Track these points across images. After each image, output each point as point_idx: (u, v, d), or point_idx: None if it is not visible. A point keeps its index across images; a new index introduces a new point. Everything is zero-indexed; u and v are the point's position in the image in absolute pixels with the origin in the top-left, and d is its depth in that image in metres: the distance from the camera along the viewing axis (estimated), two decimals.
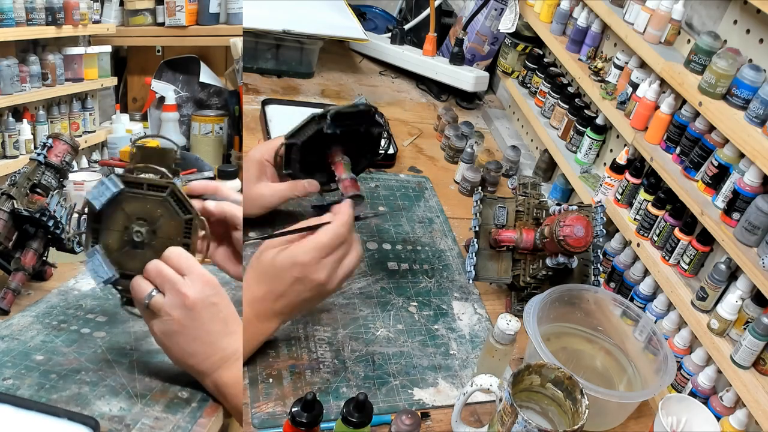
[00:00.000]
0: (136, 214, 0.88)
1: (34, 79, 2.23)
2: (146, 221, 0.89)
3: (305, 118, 1.05)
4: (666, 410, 0.94)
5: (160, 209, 0.89)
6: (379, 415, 0.92)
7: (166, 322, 0.84)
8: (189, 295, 0.83)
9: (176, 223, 0.89)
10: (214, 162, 2.06)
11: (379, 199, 1.38)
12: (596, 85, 1.37)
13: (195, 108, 2.35)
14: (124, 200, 0.88)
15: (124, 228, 0.89)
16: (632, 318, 1.10)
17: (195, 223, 0.89)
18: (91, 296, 1.10)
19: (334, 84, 1.82)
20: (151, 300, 0.84)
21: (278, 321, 0.95)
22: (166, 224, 0.89)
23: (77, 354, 0.94)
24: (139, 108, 2.54)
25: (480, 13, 1.81)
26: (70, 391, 0.86)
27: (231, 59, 2.08)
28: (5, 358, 0.91)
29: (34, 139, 2.26)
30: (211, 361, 0.85)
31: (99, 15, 2.45)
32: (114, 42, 2.51)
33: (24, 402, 0.80)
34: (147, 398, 0.87)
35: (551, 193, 1.52)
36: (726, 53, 1.02)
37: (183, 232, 0.89)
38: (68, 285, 1.13)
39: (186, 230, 0.89)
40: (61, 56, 2.33)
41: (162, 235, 0.89)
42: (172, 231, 0.89)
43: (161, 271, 0.85)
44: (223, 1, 2.30)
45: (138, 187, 0.89)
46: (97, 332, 1.00)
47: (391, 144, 1.19)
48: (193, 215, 0.89)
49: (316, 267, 0.90)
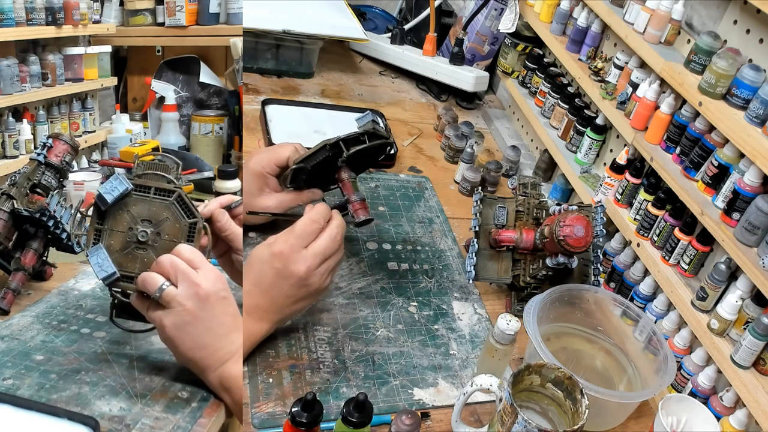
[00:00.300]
0: (142, 216, 0.90)
1: (34, 79, 2.23)
2: (151, 223, 0.90)
3: (317, 145, 1.04)
4: (666, 410, 0.94)
5: (165, 212, 0.91)
6: (379, 415, 0.92)
7: (179, 312, 0.85)
8: (203, 285, 0.85)
9: (181, 226, 0.91)
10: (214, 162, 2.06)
11: (379, 199, 1.38)
12: (596, 85, 1.37)
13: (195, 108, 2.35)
14: (130, 201, 0.90)
15: (128, 229, 0.90)
16: (632, 318, 1.10)
17: (199, 227, 0.92)
18: (91, 296, 1.10)
19: (334, 84, 1.82)
20: (163, 292, 0.85)
21: (268, 323, 0.95)
22: (171, 227, 0.91)
23: (77, 354, 0.94)
24: (139, 108, 2.54)
25: (480, 13, 1.81)
26: (70, 391, 0.86)
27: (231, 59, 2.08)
28: (5, 358, 0.91)
29: (34, 139, 2.26)
30: (219, 355, 0.86)
31: (99, 15, 2.45)
32: (114, 42, 2.51)
33: (24, 402, 0.80)
34: (147, 398, 0.87)
35: (551, 193, 1.52)
36: (726, 53, 1.02)
37: (187, 236, 0.92)
38: (68, 285, 1.13)
39: (190, 234, 0.92)
40: (61, 56, 2.33)
41: (166, 237, 0.91)
42: (176, 234, 0.91)
43: (175, 263, 0.86)
44: (223, 1, 2.30)
45: (146, 190, 0.91)
46: (97, 332, 1.00)
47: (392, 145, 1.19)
48: (198, 219, 0.92)
49: (296, 257, 0.91)
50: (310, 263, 0.92)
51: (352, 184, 1.06)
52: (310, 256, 0.92)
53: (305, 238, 0.92)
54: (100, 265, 0.88)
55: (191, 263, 0.87)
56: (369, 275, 1.18)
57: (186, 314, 0.85)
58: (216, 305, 0.86)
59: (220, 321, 0.86)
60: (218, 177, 1.55)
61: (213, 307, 0.86)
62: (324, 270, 0.94)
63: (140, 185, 0.91)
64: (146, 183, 0.91)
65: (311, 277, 0.92)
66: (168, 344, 0.88)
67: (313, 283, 0.93)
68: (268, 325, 0.95)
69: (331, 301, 1.10)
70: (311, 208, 0.96)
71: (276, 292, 0.93)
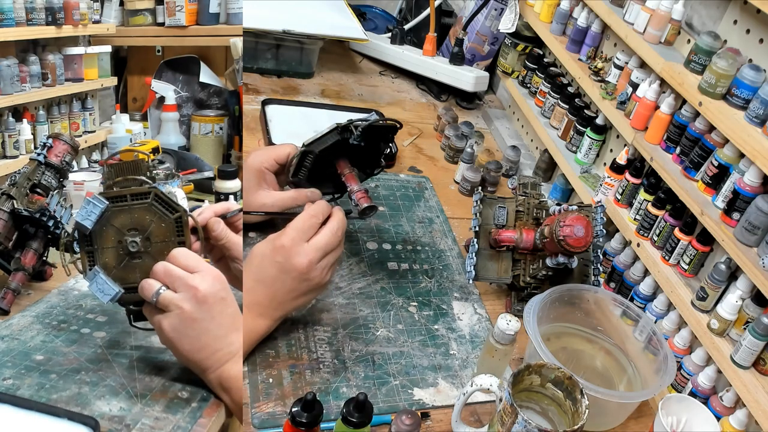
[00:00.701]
0: (127, 226, 0.89)
1: (34, 79, 2.23)
2: (138, 230, 0.89)
3: (328, 127, 1.05)
4: (666, 410, 0.94)
5: (148, 215, 0.90)
6: (379, 415, 0.92)
7: (177, 315, 0.84)
8: (200, 288, 0.85)
9: (167, 224, 0.90)
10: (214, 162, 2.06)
11: (379, 199, 1.38)
12: (596, 85, 1.37)
13: (195, 108, 2.36)
14: (111, 216, 0.89)
15: (117, 242, 0.89)
16: (632, 318, 1.10)
17: (184, 219, 0.90)
18: (91, 296, 1.10)
19: (334, 84, 1.82)
20: (159, 296, 0.85)
21: (270, 319, 0.95)
22: (157, 228, 0.90)
23: (77, 354, 0.94)
24: (139, 108, 2.54)
25: (480, 13, 1.81)
26: (70, 391, 0.86)
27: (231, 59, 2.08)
28: (5, 358, 0.91)
29: (34, 139, 2.25)
30: (218, 356, 0.86)
31: (99, 15, 2.45)
32: (114, 42, 2.51)
33: (24, 402, 0.80)
34: (147, 398, 0.87)
35: (551, 193, 1.52)
36: (726, 53, 1.02)
37: (176, 232, 0.90)
38: (68, 285, 1.13)
39: (178, 229, 0.91)
40: (61, 56, 2.33)
41: (156, 240, 0.90)
42: (164, 233, 0.90)
43: (169, 270, 0.86)
44: (223, 1, 2.30)
45: (122, 199, 0.89)
46: (97, 332, 1.00)
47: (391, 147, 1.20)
48: (181, 212, 0.90)
49: (297, 251, 0.91)
50: (312, 257, 0.92)
51: (355, 176, 1.07)
52: (312, 250, 0.92)
53: (306, 232, 0.93)
54: (102, 291, 0.87)
55: (187, 267, 0.86)
56: (369, 275, 1.18)
57: (183, 316, 0.84)
58: (214, 306, 0.86)
59: (218, 322, 0.86)
60: (218, 177, 1.55)
61: (211, 309, 0.85)
62: (325, 264, 0.94)
63: (115, 197, 0.89)
64: (120, 192, 0.89)
65: (312, 271, 0.92)
66: (168, 346, 0.88)
67: (314, 277, 0.93)
68: (269, 322, 0.95)
69: (331, 301, 1.10)
70: (311, 205, 0.96)
71: (278, 287, 0.93)
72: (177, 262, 0.87)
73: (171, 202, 0.90)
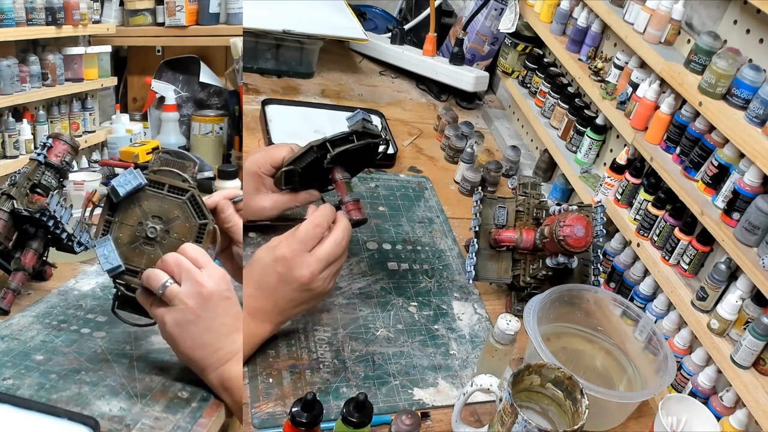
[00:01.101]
0: (153, 212, 0.91)
1: (34, 79, 2.23)
2: (161, 220, 0.91)
3: (304, 146, 1.04)
4: (666, 410, 0.94)
5: (177, 211, 0.92)
6: (379, 415, 0.92)
7: (181, 311, 0.85)
8: (206, 285, 0.85)
9: (190, 226, 0.92)
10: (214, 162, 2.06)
11: (379, 199, 1.38)
12: (596, 85, 1.37)
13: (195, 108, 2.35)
14: (143, 197, 0.91)
15: (138, 224, 0.91)
16: (632, 318, 1.10)
17: (209, 229, 0.92)
18: (91, 296, 1.10)
19: (334, 84, 1.82)
20: (166, 289, 0.85)
21: (271, 324, 0.95)
22: (181, 225, 0.91)
23: (77, 354, 0.94)
24: (139, 108, 2.53)
25: (480, 13, 1.81)
26: (70, 391, 0.86)
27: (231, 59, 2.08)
28: (5, 358, 0.91)
29: (34, 139, 2.25)
30: (219, 355, 0.86)
31: (99, 15, 2.45)
32: (114, 42, 2.51)
33: (24, 402, 0.80)
34: (147, 398, 0.87)
35: (551, 193, 1.52)
36: (726, 53, 1.02)
37: (196, 236, 0.92)
38: (68, 285, 1.13)
39: (199, 235, 0.92)
40: (61, 56, 2.32)
41: (174, 236, 0.91)
42: (185, 233, 0.92)
43: (180, 262, 0.87)
44: (223, 1, 2.30)
45: (159, 187, 0.92)
46: (97, 332, 1.00)
47: (390, 144, 1.19)
48: (209, 221, 0.92)
49: (299, 262, 0.90)
50: (314, 268, 0.91)
51: (345, 184, 1.04)
52: (314, 262, 0.91)
53: (308, 242, 0.91)
54: (106, 257, 0.88)
55: (196, 262, 0.87)
56: (369, 275, 1.18)
57: (188, 312, 0.85)
58: (218, 305, 0.86)
59: (221, 321, 0.86)
60: (218, 177, 1.55)
61: (215, 307, 0.86)
62: (327, 275, 0.93)
63: (154, 181, 0.91)
64: (161, 179, 0.92)
65: (314, 282, 0.92)
66: (169, 342, 0.88)
67: (317, 287, 0.92)
68: (270, 327, 0.95)
69: (331, 301, 1.10)
70: (314, 210, 0.95)
71: (279, 296, 0.93)
72: (187, 255, 0.88)
73: (203, 209, 0.92)
